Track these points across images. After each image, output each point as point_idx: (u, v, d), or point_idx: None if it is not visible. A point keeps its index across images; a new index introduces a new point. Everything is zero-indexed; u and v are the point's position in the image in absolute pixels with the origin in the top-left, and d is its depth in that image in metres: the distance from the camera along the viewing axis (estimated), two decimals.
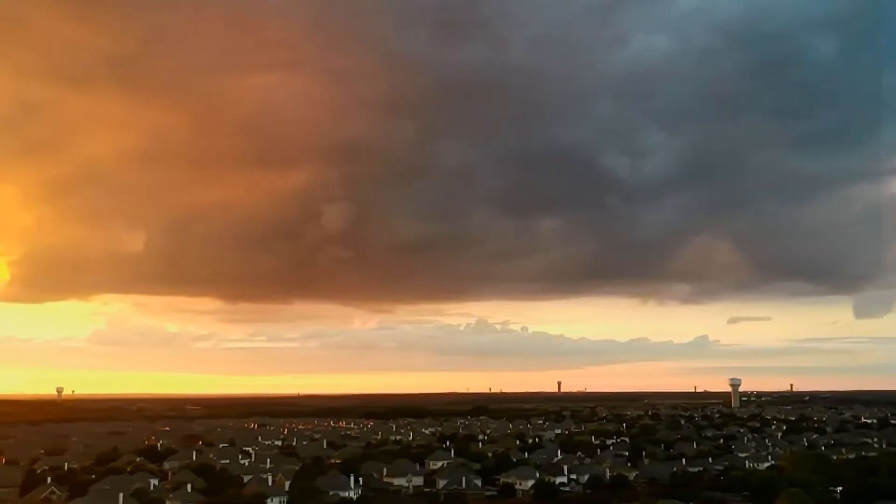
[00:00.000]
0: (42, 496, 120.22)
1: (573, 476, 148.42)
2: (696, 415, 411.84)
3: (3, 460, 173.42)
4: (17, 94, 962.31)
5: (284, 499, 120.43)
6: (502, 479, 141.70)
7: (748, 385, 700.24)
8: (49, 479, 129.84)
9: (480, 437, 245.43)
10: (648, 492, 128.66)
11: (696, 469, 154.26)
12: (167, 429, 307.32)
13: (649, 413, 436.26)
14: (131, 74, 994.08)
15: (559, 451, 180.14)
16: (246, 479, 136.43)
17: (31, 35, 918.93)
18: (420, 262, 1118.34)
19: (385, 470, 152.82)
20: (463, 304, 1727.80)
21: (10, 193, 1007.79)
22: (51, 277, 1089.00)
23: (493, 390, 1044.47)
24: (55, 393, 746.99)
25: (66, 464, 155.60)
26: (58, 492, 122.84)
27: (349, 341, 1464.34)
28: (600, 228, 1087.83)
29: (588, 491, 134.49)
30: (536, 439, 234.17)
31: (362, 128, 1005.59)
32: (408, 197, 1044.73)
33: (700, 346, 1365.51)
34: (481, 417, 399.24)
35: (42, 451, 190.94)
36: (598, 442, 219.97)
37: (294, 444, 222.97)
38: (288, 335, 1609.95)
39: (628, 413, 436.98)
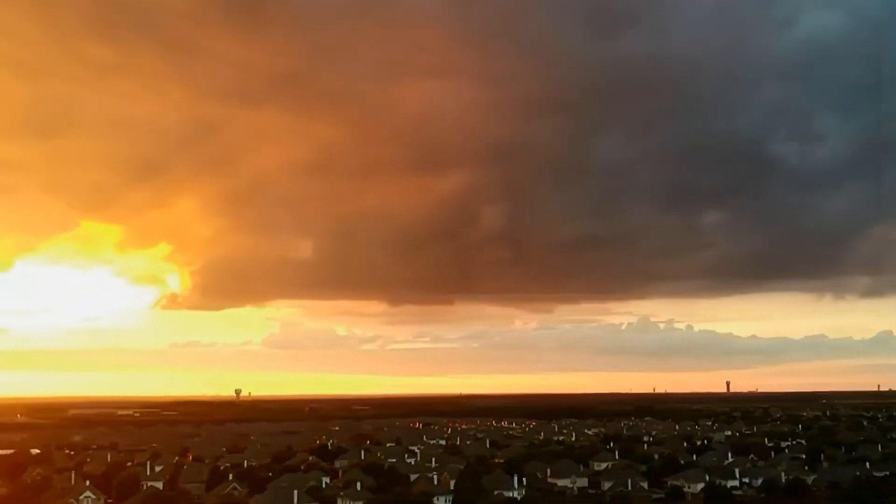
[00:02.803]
0: (225, 492, 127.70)
1: (745, 479, 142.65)
2: (880, 415, 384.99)
3: (191, 458, 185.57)
4: (193, 113, 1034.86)
5: (450, 497, 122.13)
6: (670, 482, 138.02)
7: None
8: (231, 476, 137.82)
9: (645, 438, 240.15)
10: (829, 496, 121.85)
11: (882, 473, 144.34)
12: (337, 428, 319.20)
13: (828, 413, 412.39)
14: (295, 89, 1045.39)
15: (730, 454, 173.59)
16: (413, 477, 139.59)
17: (202, 58, 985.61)
18: (580, 260, 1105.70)
19: (549, 470, 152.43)
20: (625, 302, 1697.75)
21: (190, 207, 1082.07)
22: (228, 285, 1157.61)
23: (657, 390, 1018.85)
24: (234, 394, 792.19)
25: (246, 461, 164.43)
26: (239, 488, 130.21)
27: (510, 341, 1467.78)
28: (769, 220, 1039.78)
29: (762, 495, 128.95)
30: (705, 441, 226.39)
31: (519, 128, 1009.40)
32: (566, 195, 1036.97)
33: (883, 342, 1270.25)
34: (646, 418, 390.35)
35: (224, 450, 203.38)
36: (771, 444, 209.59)
37: (458, 443, 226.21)
38: (450, 336, 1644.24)
39: (804, 414, 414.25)
